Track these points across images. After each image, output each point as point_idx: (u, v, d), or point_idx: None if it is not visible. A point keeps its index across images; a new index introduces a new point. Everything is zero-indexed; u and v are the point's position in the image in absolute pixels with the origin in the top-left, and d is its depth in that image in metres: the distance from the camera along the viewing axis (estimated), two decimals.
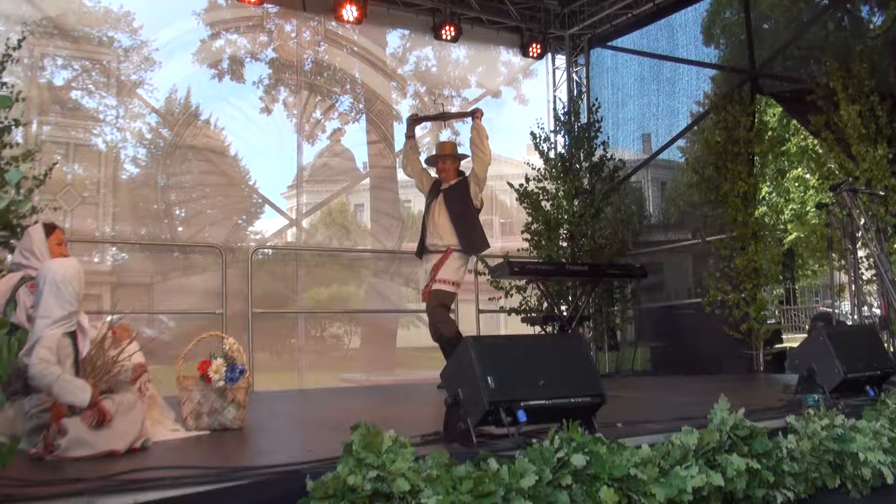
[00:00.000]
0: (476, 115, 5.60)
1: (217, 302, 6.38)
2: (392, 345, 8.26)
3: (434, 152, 5.76)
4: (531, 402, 2.51)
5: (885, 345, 4.83)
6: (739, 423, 2.57)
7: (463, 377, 2.54)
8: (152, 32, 7.01)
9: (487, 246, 5.56)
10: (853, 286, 5.20)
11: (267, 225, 7.83)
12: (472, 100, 8.93)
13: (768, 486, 2.56)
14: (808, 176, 14.78)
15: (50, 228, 3.30)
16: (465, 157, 5.70)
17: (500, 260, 6.78)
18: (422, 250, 5.45)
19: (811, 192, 15.22)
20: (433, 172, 5.65)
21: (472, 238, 5.35)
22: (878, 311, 5.89)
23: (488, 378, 2.46)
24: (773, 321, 6.66)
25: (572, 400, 2.63)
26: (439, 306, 5.18)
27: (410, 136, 5.71)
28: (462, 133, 8.21)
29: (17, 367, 2.69)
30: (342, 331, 8.15)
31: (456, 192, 5.44)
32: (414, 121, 5.86)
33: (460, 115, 6.77)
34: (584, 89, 9.04)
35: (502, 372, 2.50)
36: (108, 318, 3.01)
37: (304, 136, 7.83)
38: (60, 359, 2.68)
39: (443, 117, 6.75)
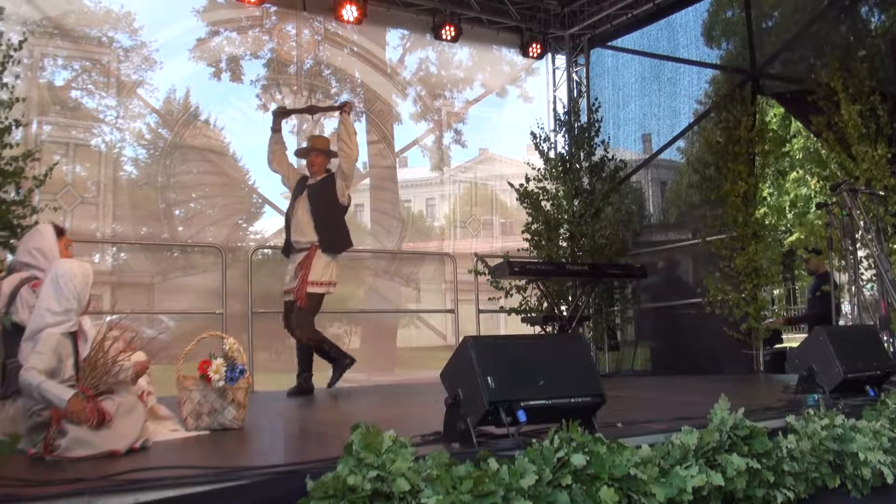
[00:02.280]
0: (344, 108, 5.43)
1: (217, 302, 6.38)
2: (392, 345, 8.26)
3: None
4: (531, 402, 2.51)
5: (885, 345, 4.83)
6: (739, 423, 2.57)
7: (463, 377, 2.54)
8: (152, 32, 7.02)
9: (349, 245, 5.40)
10: (853, 286, 5.20)
11: (267, 225, 7.83)
12: (472, 100, 8.95)
13: (768, 486, 2.56)
14: (807, 177, 14.78)
15: (59, 231, 3.32)
16: (335, 154, 5.55)
17: (500, 260, 6.78)
18: (288, 248, 5.32)
19: (812, 193, 15.24)
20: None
21: (331, 236, 5.20)
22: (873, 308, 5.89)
23: (488, 378, 2.46)
24: (772, 320, 6.65)
25: (572, 400, 2.63)
26: (310, 313, 5.14)
27: (277, 129, 5.52)
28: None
29: (19, 367, 2.69)
30: (342, 331, 8.14)
31: (321, 188, 5.31)
32: (280, 114, 5.64)
33: (329, 110, 6.58)
34: (584, 89, 9.04)
35: (502, 372, 2.51)
36: (108, 318, 3.01)
37: (303, 137, 7.83)
38: (61, 358, 2.68)
39: (311, 111, 6.53)
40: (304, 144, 5.92)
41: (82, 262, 3.09)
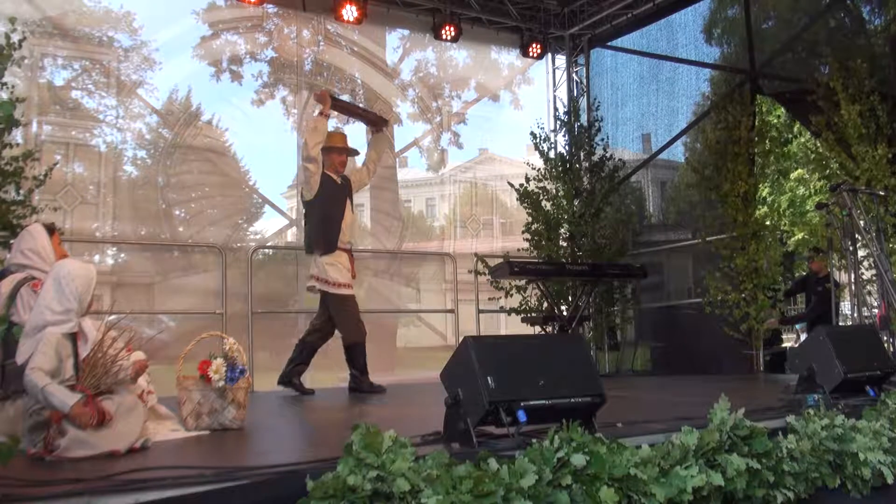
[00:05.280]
0: (388, 124, 5.37)
1: (217, 302, 6.38)
2: (392, 345, 8.26)
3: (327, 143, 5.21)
4: (531, 402, 2.51)
5: (885, 345, 4.83)
6: (739, 423, 2.57)
7: (463, 377, 2.54)
8: (152, 32, 7.03)
9: None
10: (853, 286, 5.20)
11: (267, 225, 7.84)
12: (472, 100, 8.95)
13: (768, 486, 2.56)
14: (806, 177, 14.78)
15: (50, 229, 3.32)
16: (356, 154, 5.48)
17: (500, 260, 6.78)
18: (333, 245, 5.02)
19: (810, 192, 15.23)
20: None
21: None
22: (876, 311, 5.89)
23: (488, 378, 2.46)
24: (772, 320, 6.65)
25: (572, 400, 2.63)
26: None
27: (328, 114, 5.14)
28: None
29: (19, 367, 2.70)
30: None
31: (350, 188, 5.25)
32: (333, 99, 5.29)
33: (371, 120, 5.68)
34: (584, 89, 9.04)
35: (502, 372, 2.50)
36: (108, 318, 3.01)
37: (302, 137, 7.84)
38: (61, 358, 2.68)
39: (351, 110, 6.08)
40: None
41: (86, 263, 3.09)
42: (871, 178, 5.76)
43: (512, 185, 7.69)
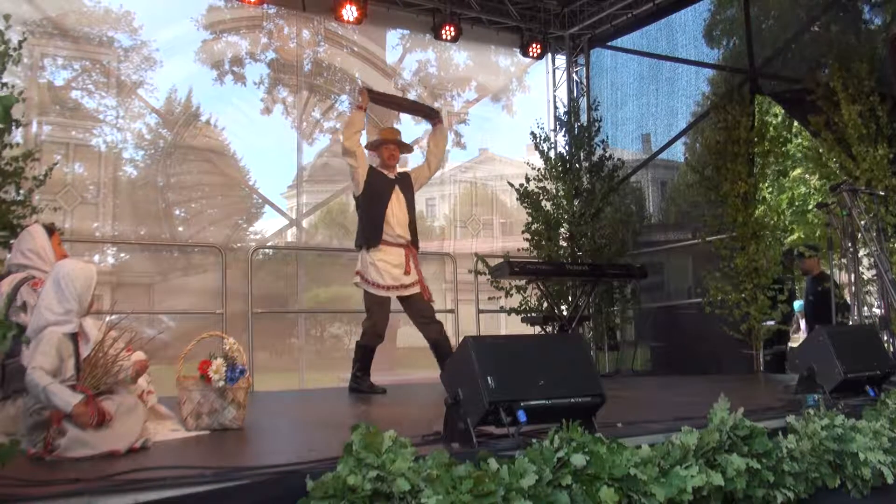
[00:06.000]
0: (440, 118, 5.34)
1: (217, 302, 6.38)
2: (392, 345, 8.24)
3: (379, 136, 5.30)
4: (531, 402, 2.51)
5: (885, 345, 4.83)
6: (739, 422, 2.57)
7: (463, 377, 2.54)
8: (152, 32, 7.03)
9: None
10: (853, 286, 5.21)
11: (267, 225, 7.84)
12: (472, 100, 8.95)
13: (768, 486, 2.56)
14: (806, 176, 14.78)
15: (50, 230, 3.33)
16: (410, 150, 5.45)
17: (500, 260, 6.78)
18: (376, 240, 4.96)
19: (810, 192, 15.23)
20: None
21: (416, 236, 5.16)
22: (878, 311, 5.90)
23: (488, 378, 2.46)
24: (772, 323, 6.65)
25: (572, 400, 2.63)
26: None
27: (365, 108, 5.12)
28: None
29: (20, 366, 2.70)
30: (342, 331, 8.15)
31: (409, 185, 5.19)
32: (371, 93, 5.31)
33: (422, 112, 5.81)
34: (583, 89, 9.04)
35: (502, 372, 2.50)
36: (108, 318, 3.02)
37: (303, 136, 7.84)
38: (63, 357, 2.68)
39: (399, 104, 6.10)
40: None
41: (87, 263, 3.09)
42: (872, 178, 5.76)
43: (512, 185, 7.69)
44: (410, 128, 8.30)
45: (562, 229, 7.72)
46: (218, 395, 3.20)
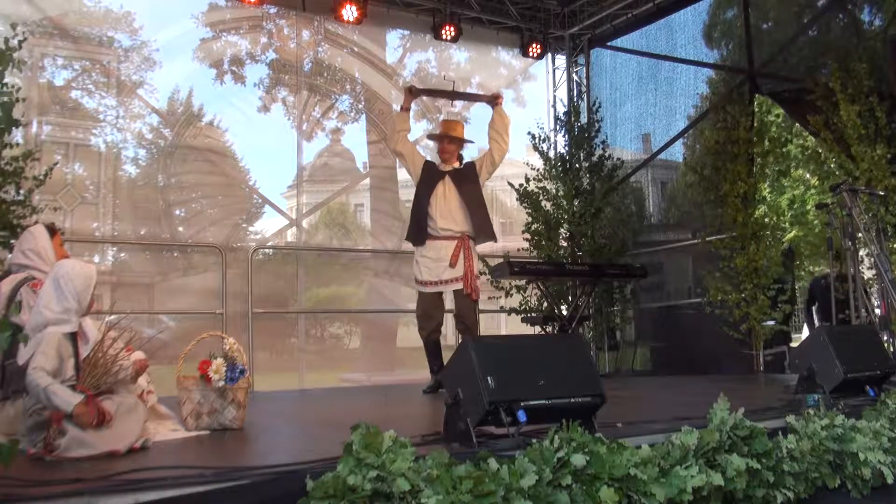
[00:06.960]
0: (498, 101, 5.22)
1: (217, 302, 6.38)
2: (392, 345, 8.26)
3: (436, 130, 5.34)
4: (531, 402, 2.51)
5: (885, 345, 4.83)
6: (739, 422, 2.57)
7: (463, 377, 2.54)
8: (152, 32, 7.02)
9: (495, 237, 5.20)
10: (853, 286, 5.20)
11: (267, 225, 7.83)
12: None
13: (768, 486, 2.56)
14: (807, 176, 14.78)
15: (52, 230, 3.33)
16: (468, 142, 5.39)
17: (500, 260, 6.78)
18: (422, 236, 5.00)
19: (812, 192, 15.23)
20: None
21: (484, 226, 5.06)
22: (878, 311, 5.90)
23: (488, 378, 2.46)
24: (772, 323, 6.65)
25: (572, 400, 2.63)
26: (476, 304, 5.02)
27: (407, 108, 5.21)
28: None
29: (19, 367, 2.70)
30: (342, 331, 8.16)
31: (466, 176, 5.10)
32: (415, 92, 5.35)
33: (476, 98, 6.05)
34: (584, 89, 9.04)
35: (502, 372, 2.50)
36: (108, 318, 3.02)
37: (303, 136, 7.84)
38: (62, 358, 2.68)
39: (452, 96, 6.10)
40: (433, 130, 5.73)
41: (86, 263, 3.09)
42: (871, 178, 5.76)
43: (512, 186, 7.69)
44: (412, 128, 8.32)
45: (562, 229, 7.72)
46: (218, 395, 3.20)
